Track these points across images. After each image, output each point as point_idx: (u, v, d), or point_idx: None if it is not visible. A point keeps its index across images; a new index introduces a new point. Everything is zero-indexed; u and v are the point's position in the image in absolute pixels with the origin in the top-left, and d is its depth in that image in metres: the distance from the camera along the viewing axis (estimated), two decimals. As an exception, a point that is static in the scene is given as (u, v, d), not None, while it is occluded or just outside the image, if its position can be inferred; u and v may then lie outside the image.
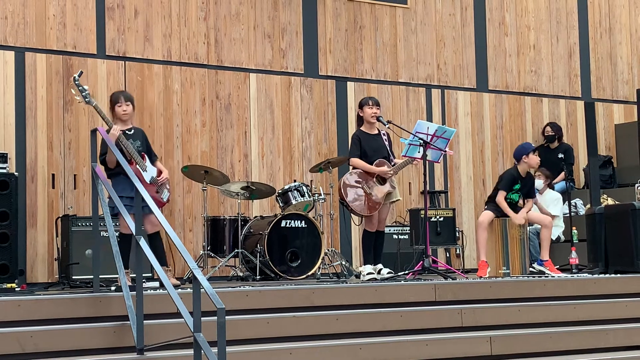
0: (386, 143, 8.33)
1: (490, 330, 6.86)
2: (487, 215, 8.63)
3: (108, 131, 7.08)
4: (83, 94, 7.18)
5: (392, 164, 8.28)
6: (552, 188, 10.87)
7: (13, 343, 5.56)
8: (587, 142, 10.63)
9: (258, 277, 8.55)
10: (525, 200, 8.82)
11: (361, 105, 8.32)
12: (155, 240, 7.31)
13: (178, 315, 5.30)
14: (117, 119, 7.36)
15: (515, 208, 8.75)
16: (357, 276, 8.53)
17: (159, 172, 7.48)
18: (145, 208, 6.85)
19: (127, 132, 7.33)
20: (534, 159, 8.73)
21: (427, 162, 8.17)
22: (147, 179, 7.33)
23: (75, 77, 7.26)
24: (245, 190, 9.02)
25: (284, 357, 6.00)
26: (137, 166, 7.24)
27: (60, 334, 5.73)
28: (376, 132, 8.36)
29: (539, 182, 10.32)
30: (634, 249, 8.43)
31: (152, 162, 7.47)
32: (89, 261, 8.17)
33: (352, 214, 8.44)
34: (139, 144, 7.36)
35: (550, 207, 10.19)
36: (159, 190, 7.45)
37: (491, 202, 8.78)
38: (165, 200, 7.56)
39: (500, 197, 8.63)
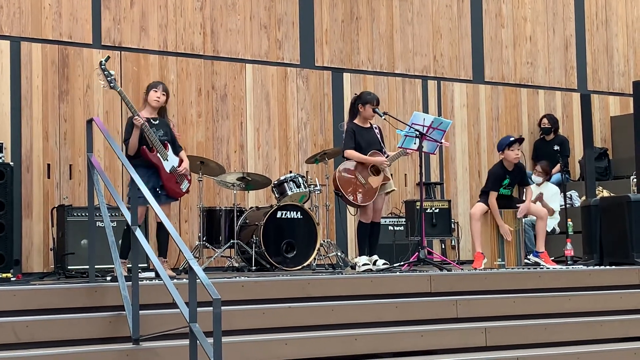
0: (379, 136, 8.35)
1: (485, 321, 6.87)
2: (479, 207, 8.61)
3: (131, 118, 7.13)
4: (108, 78, 7.22)
5: (386, 156, 8.30)
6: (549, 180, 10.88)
7: (9, 333, 5.56)
8: (583, 134, 10.64)
9: (254, 267, 8.56)
10: (524, 189, 8.79)
11: (364, 102, 8.27)
12: (165, 230, 7.33)
13: (174, 305, 5.30)
14: (147, 103, 7.40)
15: (510, 200, 8.74)
16: (353, 267, 8.54)
17: (180, 162, 7.49)
18: (162, 197, 6.95)
19: (152, 120, 7.37)
20: (509, 155, 8.56)
21: (422, 153, 8.17)
22: (167, 168, 7.36)
23: (102, 61, 7.28)
24: (241, 181, 9.02)
25: (280, 347, 6.01)
26: (158, 154, 7.26)
27: (56, 324, 5.74)
28: (369, 125, 8.37)
29: (537, 179, 10.31)
30: (629, 241, 8.45)
31: (176, 153, 7.49)
32: (84, 251, 8.16)
33: (347, 205, 8.45)
34: (162, 133, 7.38)
35: (549, 200, 10.20)
36: (179, 180, 7.47)
37: (484, 195, 8.76)
38: (184, 190, 7.57)
39: (492, 199, 8.54)
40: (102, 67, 7.23)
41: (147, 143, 7.25)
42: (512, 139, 8.66)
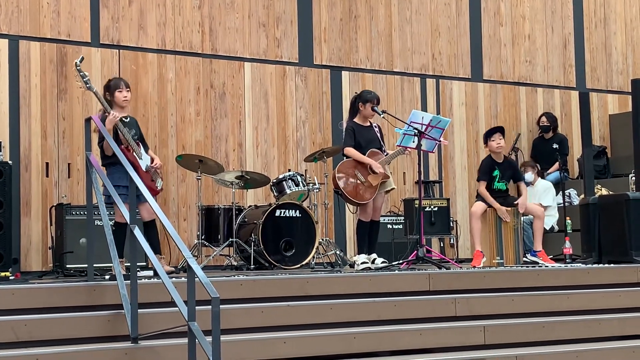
0: (378, 135, 8.36)
1: (484, 319, 6.87)
2: (479, 205, 8.63)
3: (104, 117, 7.08)
4: (84, 79, 7.18)
5: (385, 154, 8.30)
6: (543, 177, 10.89)
7: (7, 331, 5.56)
8: (582, 132, 10.64)
9: (252, 266, 8.56)
10: (518, 185, 8.82)
11: (364, 101, 8.27)
12: (152, 228, 7.32)
13: (172, 304, 5.30)
14: (116, 105, 7.33)
15: (507, 196, 8.75)
16: (352, 266, 8.54)
17: (152, 160, 7.48)
18: (141, 196, 6.88)
19: (123, 119, 7.32)
20: (491, 145, 8.73)
21: (421, 152, 8.17)
22: (144, 167, 7.33)
23: (76, 62, 7.25)
24: (239, 179, 9.02)
25: (278, 346, 6.00)
26: (134, 154, 7.24)
27: (55, 323, 5.73)
28: (369, 124, 8.37)
29: (529, 175, 10.33)
30: (627, 239, 8.45)
31: (145, 151, 7.47)
32: (83, 250, 8.16)
33: (347, 203, 8.45)
34: (134, 132, 7.36)
35: (541, 197, 10.20)
36: (154, 178, 7.46)
37: (482, 192, 8.79)
38: (159, 188, 7.56)
39: (481, 188, 8.64)
40: (77, 68, 7.20)
41: (122, 143, 7.18)
42: (490, 128, 8.80)
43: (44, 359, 5.42)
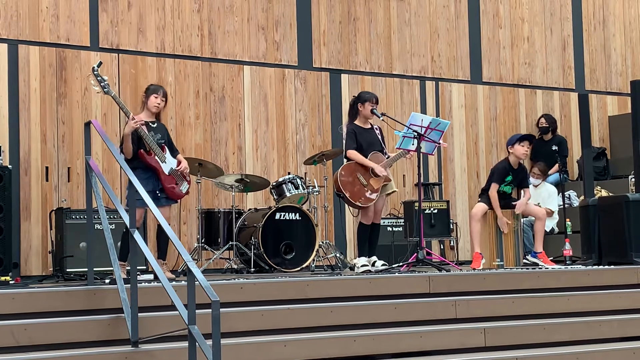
0: (379, 137, 8.36)
1: (484, 321, 6.87)
2: (480, 207, 8.64)
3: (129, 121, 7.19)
4: (102, 84, 7.22)
5: (386, 156, 8.30)
6: (546, 180, 10.88)
7: (7, 336, 5.56)
8: (581, 133, 10.63)
9: (252, 269, 8.56)
10: (522, 191, 8.83)
11: (363, 100, 8.28)
12: (163, 232, 7.35)
13: (172, 307, 5.30)
14: (147, 108, 7.45)
15: (509, 199, 8.77)
16: (352, 268, 8.54)
17: (178, 163, 7.52)
18: (161, 199, 7.00)
19: (150, 123, 7.41)
20: (518, 150, 8.72)
21: (421, 154, 8.17)
22: (166, 171, 7.38)
23: (94, 67, 7.31)
24: (239, 182, 9.02)
25: (279, 349, 6.00)
26: (156, 157, 7.29)
27: (55, 327, 5.73)
28: (369, 126, 8.38)
29: (535, 180, 10.33)
30: (627, 241, 8.45)
31: (173, 156, 7.53)
32: (83, 254, 8.17)
33: (348, 206, 8.45)
34: (159, 137, 7.42)
35: (546, 201, 10.20)
36: (178, 182, 7.49)
37: (484, 195, 8.80)
38: (184, 192, 7.58)
39: (493, 190, 8.64)
40: (95, 72, 7.23)
41: (145, 146, 7.27)
42: (521, 135, 8.79)
43: (44, 363, 5.42)
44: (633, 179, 10.25)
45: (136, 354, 5.58)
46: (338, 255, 9.29)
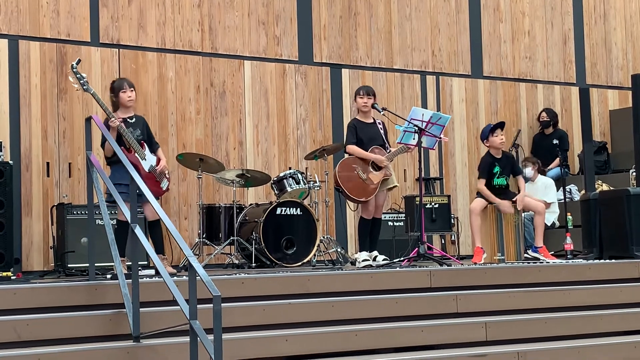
0: (382, 131, 8.36)
1: (485, 316, 6.87)
2: (478, 202, 8.63)
3: (107, 120, 7.08)
4: (81, 81, 7.15)
5: (388, 151, 8.30)
6: (544, 173, 10.89)
7: (9, 331, 5.57)
8: (582, 128, 10.64)
9: (254, 264, 8.57)
10: (517, 180, 8.81)
11: (355, 94, 8.39)
12: (156, 228, 7.33)
13: (174, 302, 5.30)
14: (122, 105, 7.36)
15: (507, 192, 8.74)
16: (353, 263, 8.54)
17: (158, 161, 7.47)
18: (144, 196, 6.93)
19: (128, 120, 7.34)
20: (494, 141, 8.69)
21: (422, 148, 8.17)
22: (146, 168, 7.33)
23: (73, 64, 7.23)
24: (240, 177, 9.02)
25: (280, 344, 6.01)
26: (136, 155, 7.24)
27: (57, 322, 5.74)
28: (371, 120, 8.39)
29: (528, 171, 10.33)
30: (628, 235, 8.45)
31: (153, 151, 7.47)
32: (84, 249, 8.16)
33: (347, 201, 8.45)
34: (138, 133, 7.36)
35: (542, 194, 10.20)
36: (159, 179, 7.45)
37: (483, 189, 8.79)
38: (164, 189, 7.56)
39: (480, 185, 8.64)
40: (74, 70, 7.16)
41: (125, 143, 7.20)
42: (492, 125, 8.76)
43: (46, 358, 5.43)
44: (634, 173, 10.26)
45: (138, 349, 5.59)
46: (339, 250, 9.29)
